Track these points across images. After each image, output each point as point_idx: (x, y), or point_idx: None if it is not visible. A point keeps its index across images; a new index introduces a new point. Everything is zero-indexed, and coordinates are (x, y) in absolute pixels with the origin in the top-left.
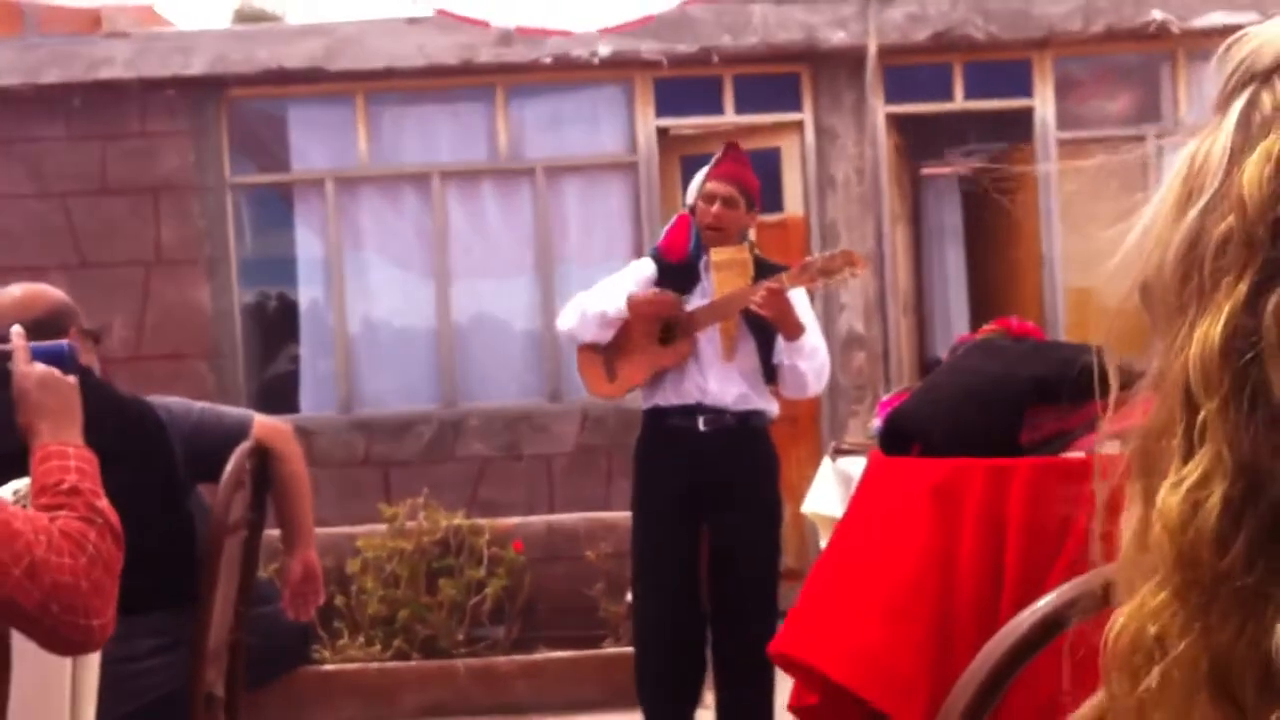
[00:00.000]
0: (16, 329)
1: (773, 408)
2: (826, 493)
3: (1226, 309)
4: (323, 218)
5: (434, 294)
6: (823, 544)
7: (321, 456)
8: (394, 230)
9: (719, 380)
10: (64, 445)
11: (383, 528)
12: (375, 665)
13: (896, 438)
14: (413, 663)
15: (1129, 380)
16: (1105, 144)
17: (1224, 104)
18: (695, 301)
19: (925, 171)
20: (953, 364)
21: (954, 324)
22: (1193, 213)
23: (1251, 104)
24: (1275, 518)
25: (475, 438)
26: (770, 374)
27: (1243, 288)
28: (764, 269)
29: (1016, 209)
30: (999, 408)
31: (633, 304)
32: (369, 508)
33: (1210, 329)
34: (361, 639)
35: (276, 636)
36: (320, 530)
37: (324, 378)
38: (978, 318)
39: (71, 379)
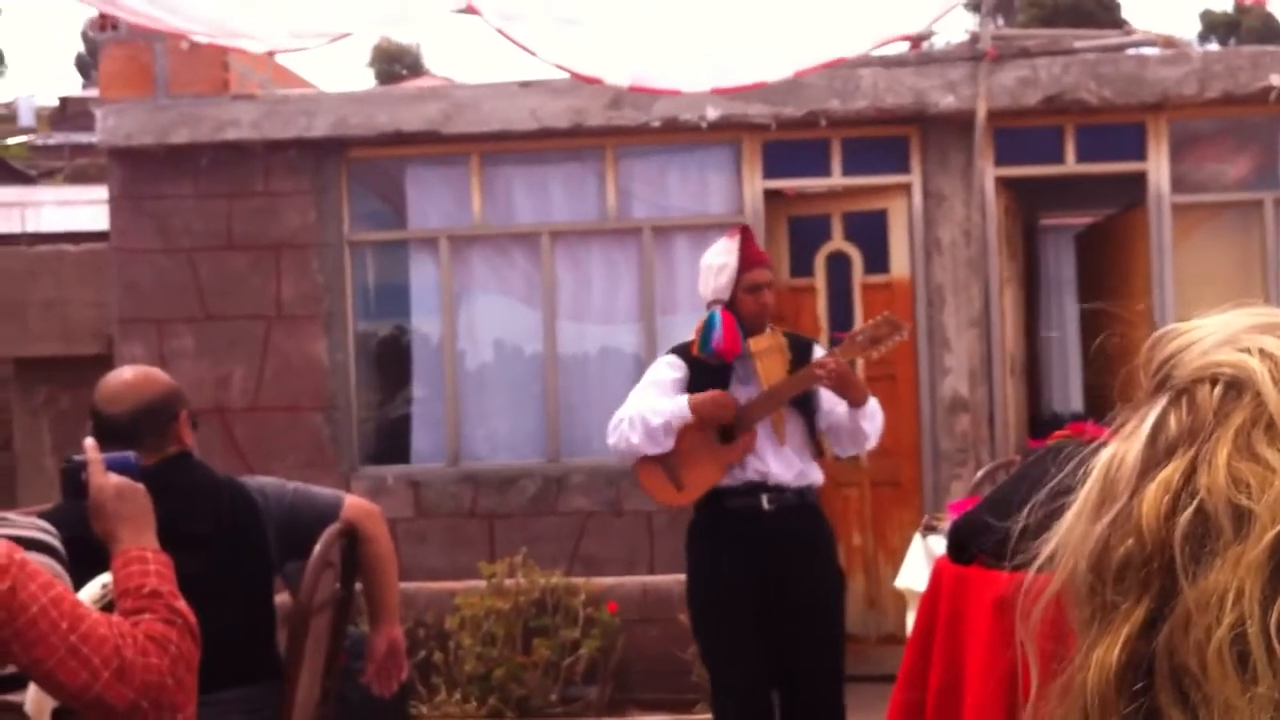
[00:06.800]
0: (89, 441)
1: (821, 477)
2: (917, 569)
3: (1123, 635)
4: (437, 274)
5: (542, 350)
6: (910, 617)
7: (430, 508)
8: (505, 287)
9: (778, 462)
10: (143, 550)
11: (482, 584)
12: None
13: (962, 546)
14: None
15: None
16: (1220, 208)
17: (1148, 399)
18: (736, 390)
19: (1045, 222)
20: (1021, 472)
21: (1070, 381)
22: (1102, 523)
23: (1161, 421)
24: None
25: (578, 492)
26: (816, 444)
27: (1139, 614)
28: (797, 346)
29: (1129, 267)
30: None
31: (696, 407)
32: (474, 559)
33: (1107, 653)
34: (458, 695)
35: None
36: (422, 585)
37: (434, 429)
38: (1091, 372)
39: (140, 486)
